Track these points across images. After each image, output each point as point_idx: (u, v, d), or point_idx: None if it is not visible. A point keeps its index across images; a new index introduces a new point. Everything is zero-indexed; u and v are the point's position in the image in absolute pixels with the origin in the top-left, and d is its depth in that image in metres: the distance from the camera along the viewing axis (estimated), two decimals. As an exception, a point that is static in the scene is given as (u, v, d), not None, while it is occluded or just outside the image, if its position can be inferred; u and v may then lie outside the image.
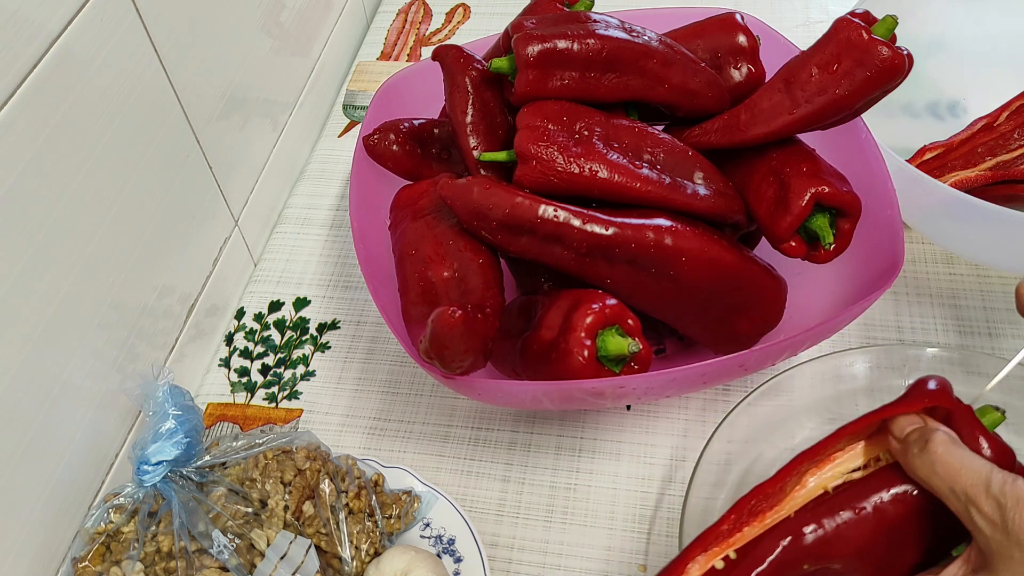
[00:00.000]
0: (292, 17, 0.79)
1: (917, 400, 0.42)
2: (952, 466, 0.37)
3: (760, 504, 0.42)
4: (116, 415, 0.60)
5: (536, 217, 0.52)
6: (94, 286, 0.55)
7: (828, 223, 0.54)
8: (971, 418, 0.40)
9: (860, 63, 0.51)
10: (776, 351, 0.54)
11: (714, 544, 0.41)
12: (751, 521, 0.42)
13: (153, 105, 0.59)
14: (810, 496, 0.42)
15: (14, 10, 0.45)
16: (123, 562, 0.52)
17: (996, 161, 0.71)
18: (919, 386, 0.42)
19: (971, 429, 0.40)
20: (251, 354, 0.71)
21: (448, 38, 0.96)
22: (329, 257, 0.77)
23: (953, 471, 0.37)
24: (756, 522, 0.42)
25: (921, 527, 0.41)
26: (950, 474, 0.37)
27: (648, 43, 0.57)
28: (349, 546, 0.54)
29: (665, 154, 0.57)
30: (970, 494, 0.36)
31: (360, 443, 0.65)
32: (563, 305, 0.52)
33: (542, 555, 0.59)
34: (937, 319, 0.68)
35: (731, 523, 0.42)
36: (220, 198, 0.70)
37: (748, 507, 0.42)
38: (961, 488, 0.37)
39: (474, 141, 0.58)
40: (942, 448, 0.38)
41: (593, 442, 0.64)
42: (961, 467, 0.37)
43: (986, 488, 0.36)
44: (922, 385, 0.42)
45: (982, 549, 0.37)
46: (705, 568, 0.41)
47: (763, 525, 0.42)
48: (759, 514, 0.42)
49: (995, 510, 0.35)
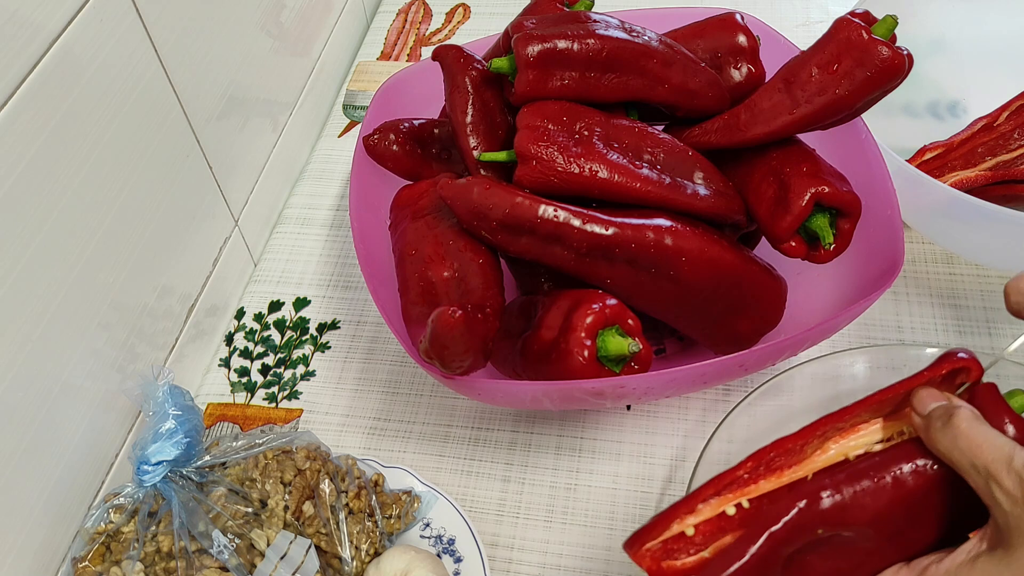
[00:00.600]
0: (292, 17, 0.79)
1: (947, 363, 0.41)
2: (974, 440, 0.37)
3: (779, 459, 0.42)
4: (116, 415, 0.60)
5: (536, 217, 0.52)
6: (94, 286, 0.55)
7: (828, 223, 0.54)
8: (997, 397, 0.40)
9: (860, 63, 0.51)
10: (776, 351, 0.54)
11: (728, 490, 0.41)
12: (768, 475, 0.41)
13: (153, 105, 0.59)
14: (830, 462, 0.42)
15: (14, 10, 0.45)
16: (123, 562, 0.52)
17: (996, 161, 0.71)
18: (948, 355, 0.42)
19: (996, 408, 0.39)
20: (251, 354, 0.71)
21: (448, 38, 0.96)
22: (329, 257, 0.77)
23: (975, 445, 0.37)
24: (773, 477, 0.41)
25: (939, 503, 0.40)
26: (972, 448, 0.37)
27: (648, 43, 0.57)
28: (349, 546, 0.54)
29: (665, 154, 0.57)
30: (991, 469, 0.36)
31: (360, 443, 0.65)
32: (563, 305, 0.52)
33: (542, 555, 0.59)
34: (937, 319, 0.68)
35: (748, 471, 0.41)
36: (220, 198, 0.70)
37: (767, 458, 0.42)
38: (983, 463, 0.37)
39: (474, 141, 0.58)
40: (965, 424, 0.38)
41: (593, 442, 0.64)
42: (984, 442, 0.37)
43: (1008, 464, 0.36)
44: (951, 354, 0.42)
45: (1000, 526, 0.37)
46: (717, 511, 0.41)
47: (779, 481, 0.41)
48: (777, 470, 0.42)
49: (1016, 485, 0.35)
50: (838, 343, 0.65)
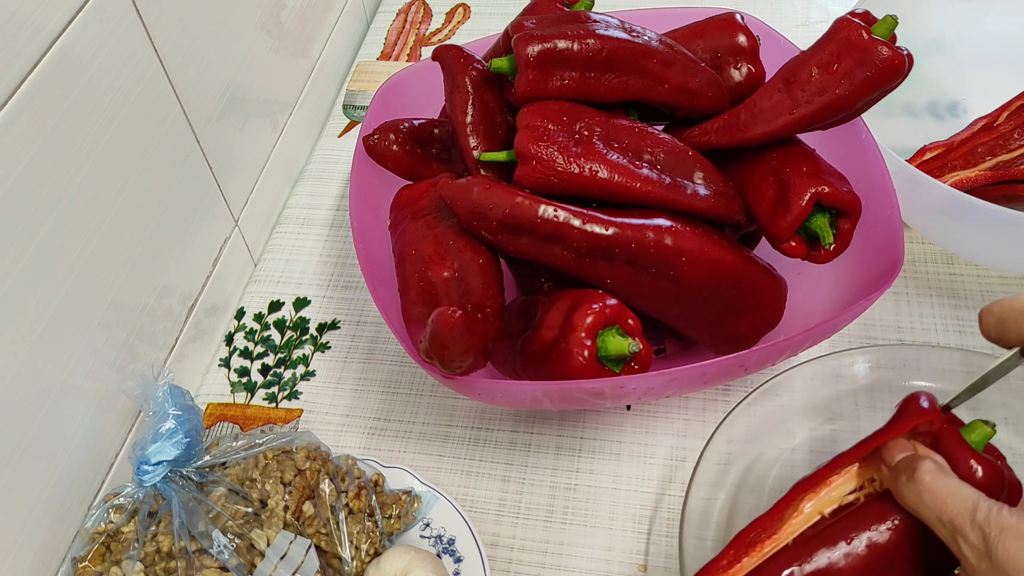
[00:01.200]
0: (292, 17, 0.79)
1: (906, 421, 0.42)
2: (938, 495, 0.38)
3: (759, 535, 0.43)
4: (116, 415, 0.60)
5: (536, 217, 0.52)
6: (94, 286, 0.55)
7: (828, 223, 0.54)
8: (959, 441, 0.40)
9: (860, 63, 0.51)
10: (776, 351, 0.54)
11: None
12: (750, 551, 0.43)
13: (153, 105, 0.59)
14: (807, 522, 0.43)
15: (14, 10, 0.45)
16: (123, 562, 0.52)
17: (996, 161, 0.71)
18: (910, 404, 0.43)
19: (961, 453, 0.40)
20: (251, 354, 0.71)
21: (448, 38, 0.96)
22: (329, 257, 0.77)
23: (939, 500, 0.38)
24: (755, 552, 0.43)
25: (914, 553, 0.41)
26: (936, 503, 0.38)
27: (648, 43, 0.57)
28: (349, 546, 0.54)
29: (665, 154, 0.57)
30: (956, 523, 0.37)
31: (360, 443, 0.65)
32: (563, 305, 0.52)
33: (542, 555, 0.59)
34: (937, 319, 0.68)
35: (730, 558, 0.43)
36: (220, 198, 0.70)
37: (747, 539, 0.43)
38: (948, 517, 0.37)
39: (474, 141, 0.58)
40: (928, 477, 0.38)
41: (593, 442, 0.64)
42: (947, 496, 0.38)
43: (971, 517, 0.36)
44: (913, 403, 0.42)
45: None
46: None
47: (762, 555, 0.42)
48: (758, 544, 0.43)
49: (980, 539, 0.36)
50: (838, 343, 0.65)
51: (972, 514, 0.36)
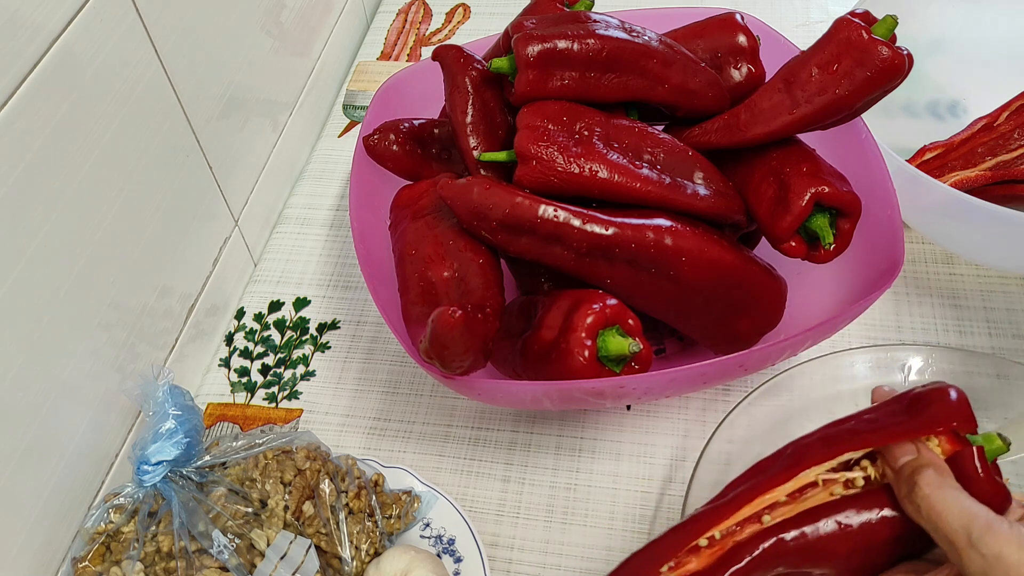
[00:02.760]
0: (292, 17, 0.79)
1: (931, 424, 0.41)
2: (935, 509, 0.38)
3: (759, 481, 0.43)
4: (116, 415, 0.60)
5: (536, 217, 0.52)
6: (94, 286, 0.55)
7: (828, 223, 0.54)
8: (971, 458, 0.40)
9: (860, 63, 0.51)
10: (776, 351, 0.54)
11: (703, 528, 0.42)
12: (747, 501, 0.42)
13: (153, 105, 0.59)
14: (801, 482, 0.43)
15: (14, 10, 0.45)
16: (123, 562, 0.52)
17: (996, 161, 0.71)
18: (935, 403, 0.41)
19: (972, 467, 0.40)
20: (251, 354, 0.71)
21: (448, 38, 0.96)
22: (329, 257, 0.77)
23: (936, 514, 0.38)
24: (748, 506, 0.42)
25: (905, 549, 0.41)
26: (933, 518, 0.38)
27: (648, 43, 0.57)
28: (349, 546, 0.54)
29: (665, 154, 0.57)
30: (953, 540, 0.37)
31: (360, 443, 0.65)
32: (563, 305, 0.52)
33: (542, 555, 0.59)
34: (937, 319, 0.68)
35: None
36: (220, 198, 0.70)
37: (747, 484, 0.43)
38: (944, 534, 0.37)
39: (474, 141, 0.58)
40: (928, 488, 0.38)
41: (593, 442, 0.64)
42: (944, 511, 0.38)
43: (967, 539, 0.36)
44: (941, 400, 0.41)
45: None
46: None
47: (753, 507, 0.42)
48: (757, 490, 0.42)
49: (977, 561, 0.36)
50: (838, 343, 0.65)
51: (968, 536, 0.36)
